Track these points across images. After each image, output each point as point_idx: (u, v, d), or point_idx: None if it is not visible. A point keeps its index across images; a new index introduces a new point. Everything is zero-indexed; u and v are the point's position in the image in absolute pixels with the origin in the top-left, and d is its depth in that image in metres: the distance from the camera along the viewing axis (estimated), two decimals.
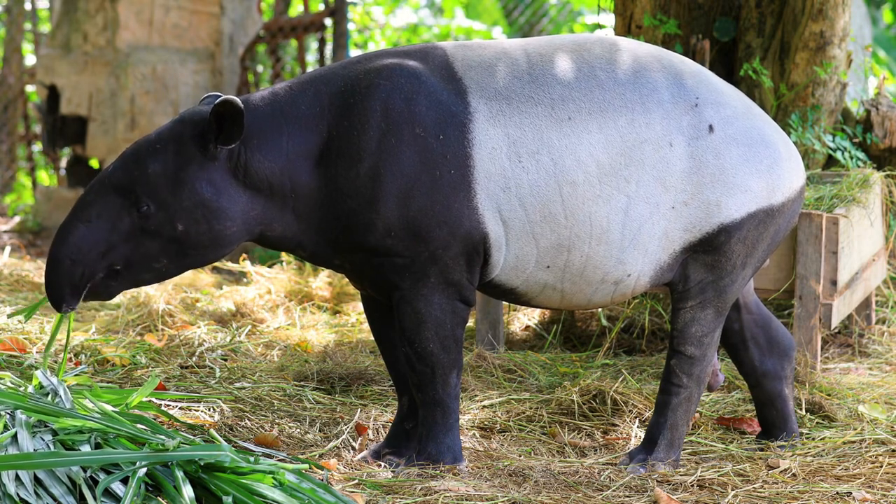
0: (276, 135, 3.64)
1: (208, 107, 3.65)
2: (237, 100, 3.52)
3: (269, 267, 6.90)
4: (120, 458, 3.08)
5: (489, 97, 3.67)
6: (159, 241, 3.59)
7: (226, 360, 5.05)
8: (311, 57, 11.68)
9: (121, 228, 3.58)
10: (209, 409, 4.25)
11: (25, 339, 4.93)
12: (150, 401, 3.90)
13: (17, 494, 2.98)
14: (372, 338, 5.47)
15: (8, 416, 3.27)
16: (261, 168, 3.62)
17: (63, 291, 3.58)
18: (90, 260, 3.57)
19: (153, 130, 3.68)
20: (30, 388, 3.59)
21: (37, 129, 12.23)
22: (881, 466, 3.88)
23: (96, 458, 3.06)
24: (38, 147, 12.42)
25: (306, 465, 3.36)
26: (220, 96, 3.77)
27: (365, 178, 3.61)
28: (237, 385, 4.59)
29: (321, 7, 12.07)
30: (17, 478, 3.01)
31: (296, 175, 3.65)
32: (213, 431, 3.70)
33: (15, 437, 3.18)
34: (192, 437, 3.40)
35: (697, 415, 4.41)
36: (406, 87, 3.64)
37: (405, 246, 3.64)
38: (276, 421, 4.21)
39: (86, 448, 3.20)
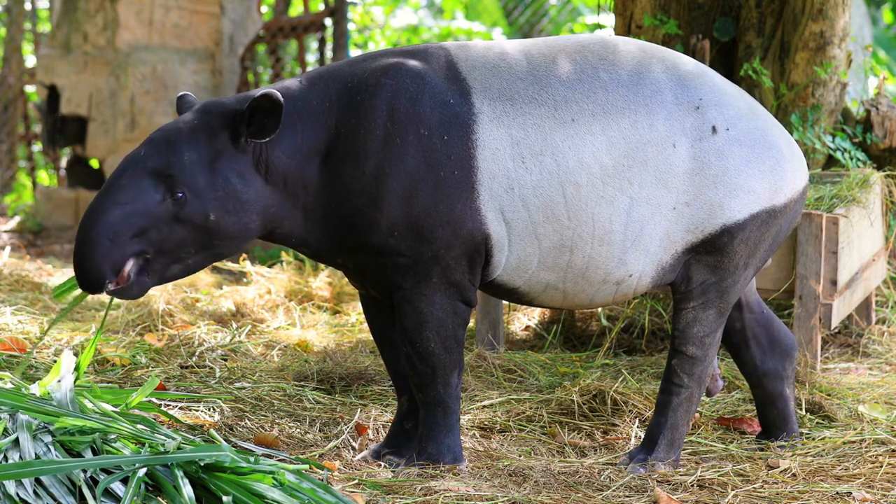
0: (291, 131, 3.64)
1: (229, 99, 3.64)
2: (278, 94, 3.50)
3: (269, 267, 6.90)
4: (120, 462, 3.08)
5: (493, 98, 3.66)
6: (190, 229, 3.56)
7: (226, 360, 5.04)
8: (311, 57, 11.67)
9: (155, 213, 3.52)
10: (209, 409, 4.25)
11: (25, 339, 4.93)
12: (150, 401, 3.90)
13: (17, 495, 2.98)
14: (372, 338, 5.46)
15: (8, 417, 3.26)
16: (279, 164, 3.62)
17: (104, 269, 3.49)
18: (125, 241, 3.50)
19: (172, 120, 3.64)
20: (31, 389, 3.59)
21: (37, 129, 12.23)
22: (881, 466, 3.87)
23: (96, 462, 3.05)
24: (38, 147, 12.41)
25: (306, 465, 3.36)
26: (189, 96, 3.75)
27: (370, 178, 3.61)
28: (237, 385, 4.59)
29: (321, 7, 12.08)
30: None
31: (307, 172, 3.65)
32: (213, 431, 3.70)
33: (16, 439, 3.17)
34: (192, 438, 3.40)
35: (697, 415, 4.40)
36: (411, 87, 3.64)
37: (408, 245, 3.63)
38: (276, 421, 4.20)
39: (86, 448, 3.20)
